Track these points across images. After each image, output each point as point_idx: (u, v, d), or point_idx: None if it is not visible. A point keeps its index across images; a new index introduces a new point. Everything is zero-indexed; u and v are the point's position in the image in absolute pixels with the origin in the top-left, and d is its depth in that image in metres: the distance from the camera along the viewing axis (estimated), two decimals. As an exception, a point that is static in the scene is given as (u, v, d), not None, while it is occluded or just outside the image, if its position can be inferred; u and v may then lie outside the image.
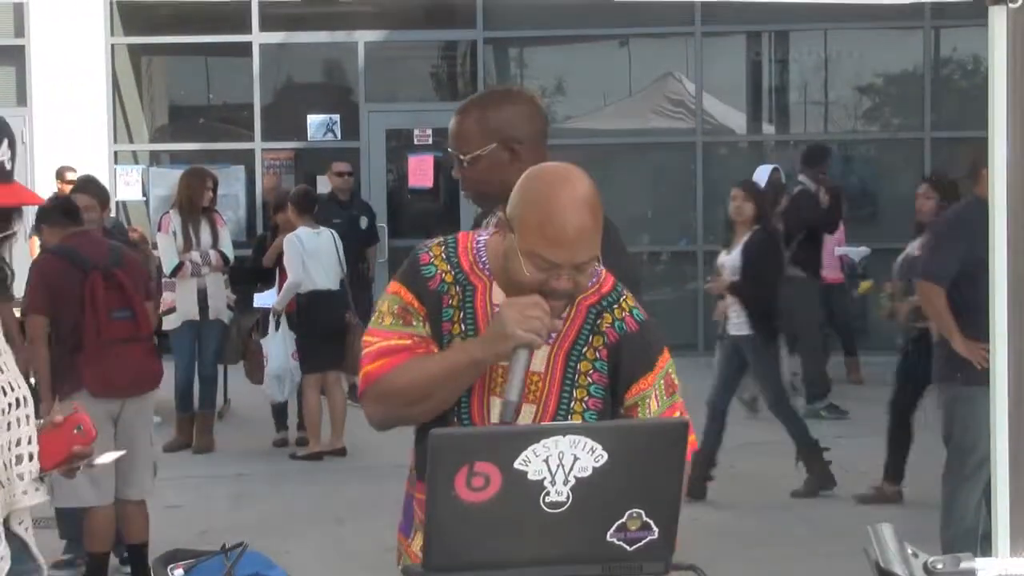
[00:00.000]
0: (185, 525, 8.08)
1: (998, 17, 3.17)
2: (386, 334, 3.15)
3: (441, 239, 3.26)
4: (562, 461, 2.66)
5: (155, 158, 16.79)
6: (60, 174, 12.79)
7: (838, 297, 13.29)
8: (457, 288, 3.17)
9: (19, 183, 3.17)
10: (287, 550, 6.91)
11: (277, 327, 10.42)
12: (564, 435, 2.66)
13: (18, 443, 3.14)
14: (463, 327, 3.16)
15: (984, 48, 3.20)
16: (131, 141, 16.70)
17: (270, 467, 10.19)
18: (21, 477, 3.15)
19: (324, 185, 14.18)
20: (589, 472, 2.68)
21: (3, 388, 3.13)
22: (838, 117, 16.78)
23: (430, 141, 15.83)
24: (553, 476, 2.66)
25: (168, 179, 14.74)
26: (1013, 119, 3.21)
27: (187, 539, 7.48)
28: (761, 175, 12.91)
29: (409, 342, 3.13)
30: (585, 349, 3.16)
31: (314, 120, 16.21)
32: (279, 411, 10.99)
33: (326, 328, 10.35)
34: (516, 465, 2.63)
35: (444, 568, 2.67)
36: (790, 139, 16.55)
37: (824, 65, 16.59)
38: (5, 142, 3.05)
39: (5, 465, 3.13)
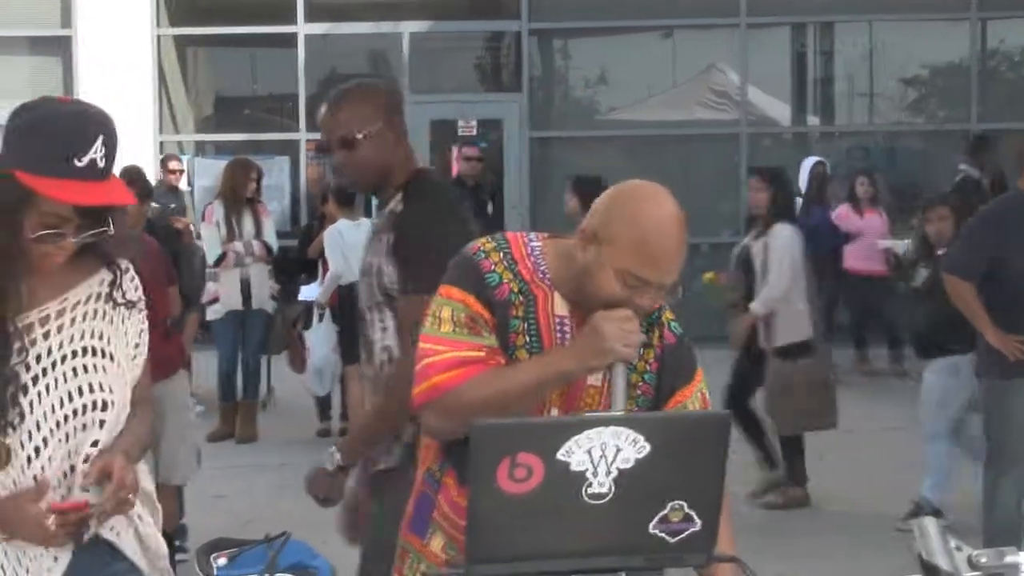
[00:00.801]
0: (229, 514, 8.12)
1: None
2: (455, 343, 3.07)
3: (492, 241, 3.21)
4: (605, 452, 2.65)
5: (200, 148, 16.85)
6: (164, 163, 13.28)
7: (883, 291, 13.22)
8: (521, 298, 3.13)
9: (117, 180, 3.09)
10: (328, 540, 6.92)
11: (320, 319, 10.45)
12: (607, 426, 2.66)
13: (94, 444, 3.09)
14: (527, 338, 3.12)
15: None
16: (177, 132, 16.78)
17: (313, 457, 10.11)
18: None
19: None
20: (632, 463, 2.68)
21: (85, 387, 3.09)
22: (883, 109, 16.70)
23: (475, 132, 15.83)
24: (596, 467, 2.65)
25: (213, 169, 14.80)
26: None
27: (231, 528, 7.53)
28: (805, 168, 12.89)
29: (483, 354, 3.06)
30: (638, 362, 3.16)
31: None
32: (322, 401, 11.02)
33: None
34: (559, 456, 2.63)
35: (486, 560, 2.67)
36: (835, 131, 16.49)
37: (869, 56, 16.50)
38: (100, 138, 2.98)
39: (75, 467, 3.08)
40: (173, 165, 14.26)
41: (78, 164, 2.94)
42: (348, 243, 10.33)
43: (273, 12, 16.35)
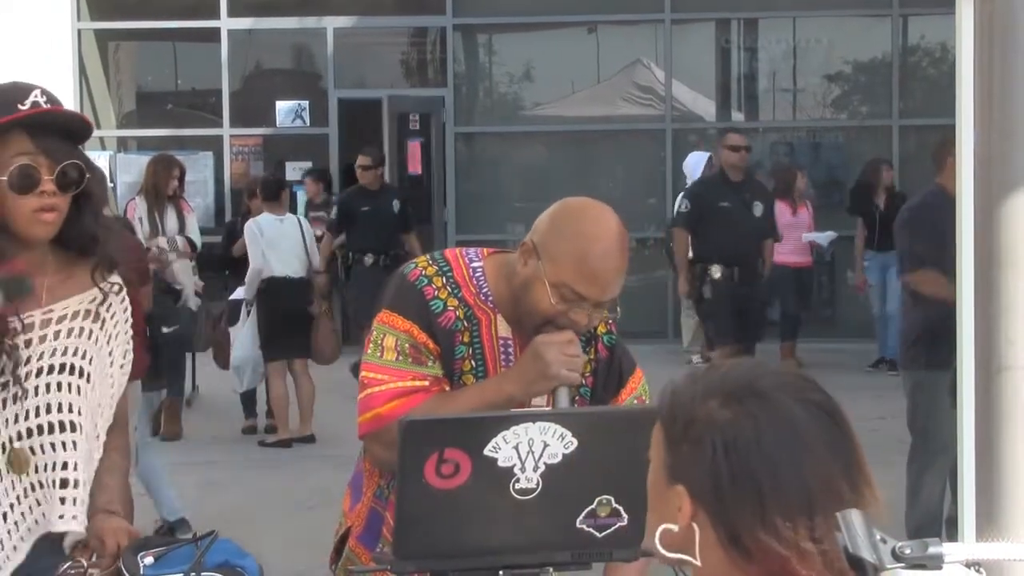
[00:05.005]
0: (154, 513, 8.05)
1: (965, 6, 3.18)
2: (398, 373, 3.04)
3: (433, 264, 3.17)
4: (532, 448, 2.67)
5: (122, 144, 16.70)
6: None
7: (806, 281, 13.49)
8: (466, 323, 3.11)
9: None
10: (256, 537, 6.88)
11: (249, 315, 10.41)
12: (534, 422, 2.68)
13: (64, 467, 3.05)
14: (473, 363, 3.12)
15: (952, 36, 3.22)
16: (98, 127, 16.61)
17: (239, 454, 10.16)
18: (63, 501, 3.06)
19: (293, 172, 14.12)
20: (559, 458, 2.69)
21: (55, 405, 3.06)
22: (807, 104, 16.80)
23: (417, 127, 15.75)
24: (523, 463, 2.67)
25: (135, 165, 14.67)
26: (980, 107, 3.23)
27: (156, 527, 7.48)
28: (696, 164, 12.83)
29: (426, 383, 3.05)
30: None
31: (283, 106, 16.15)
32: (248, 398, 10.97)
33: (288, 315, 10.32)
34: (486, 452, 2.64)
35: (414, 556, 2.67)
36: (759, 126, 16.58)
37: (793, 53, 16.61)
38: (38, 90, 3.06)
39: (43, 483, 3.05)
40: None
41: (22, 107, 3.01)
42: (269, 238, 10.31)
43: (196, 7, 16.22)
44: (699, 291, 10.20)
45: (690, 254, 10.36)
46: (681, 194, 11.41)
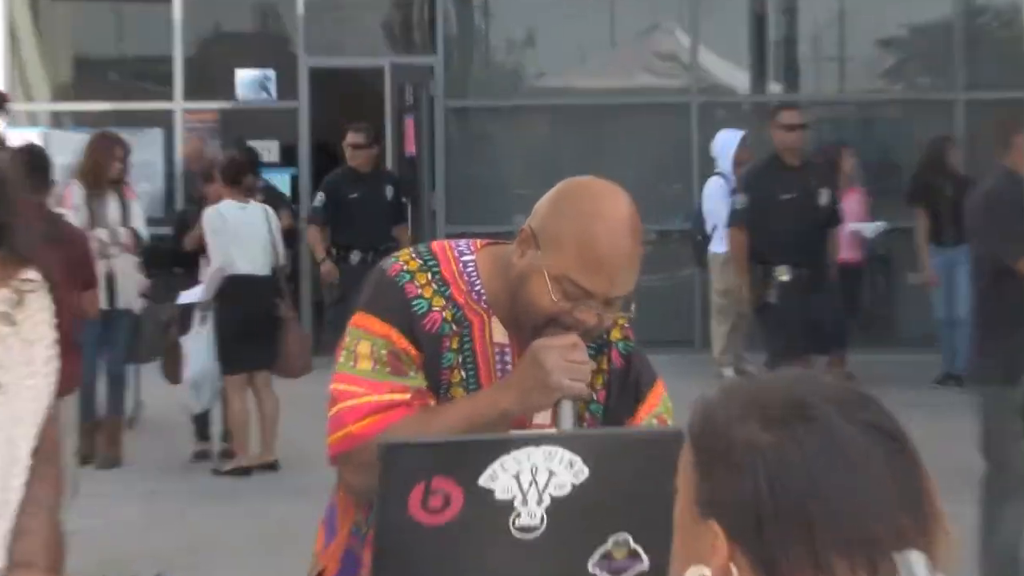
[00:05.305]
0: (88, 553, 8.02)
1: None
2: (374, 385, 3.02)
3: (417, 258, 3.15)
4: (535, 477, 2.66)
5: (57, 120, 16.72)
6: None
7: (856, 280, 13.39)
8: (454, 327, 3.09)
9: None
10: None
11: (204, 322, 10.36)
12: (538, 445, 2.67)
13: None
14: (463, 374, 3.09)
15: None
16: (29, 100, 16.63)
17: (189, 484, 10.17)
18: None
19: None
20: (567, 490, 2.69)
21: None
22: (856, 75, 16.83)
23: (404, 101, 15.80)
24: (525, 495, 2.66)
25: (72, 145, 14.64)
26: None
27: (90, 570, 7.44)
28: (726, 143, 12.84)
29: (407, 396, 3.02)
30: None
31: (245, 76, 16.18)
32: (200, 418, 10.97)
33: (250, 320, 10.29)
34: (481, 482, 2.63)
35: (394, 604, 2.65)
36: (799, 100, 16.59)
37: (840, 15, 16.63)
38: None
39: None
40: None
41: None
42: (232, 229, 10.26)
43: (143, -40, 16.28)
44: (763, 298, 10.17)
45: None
46: (726, 187, 11.40)
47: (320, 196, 12.51)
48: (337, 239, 12.15)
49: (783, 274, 10.00)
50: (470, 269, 3.14)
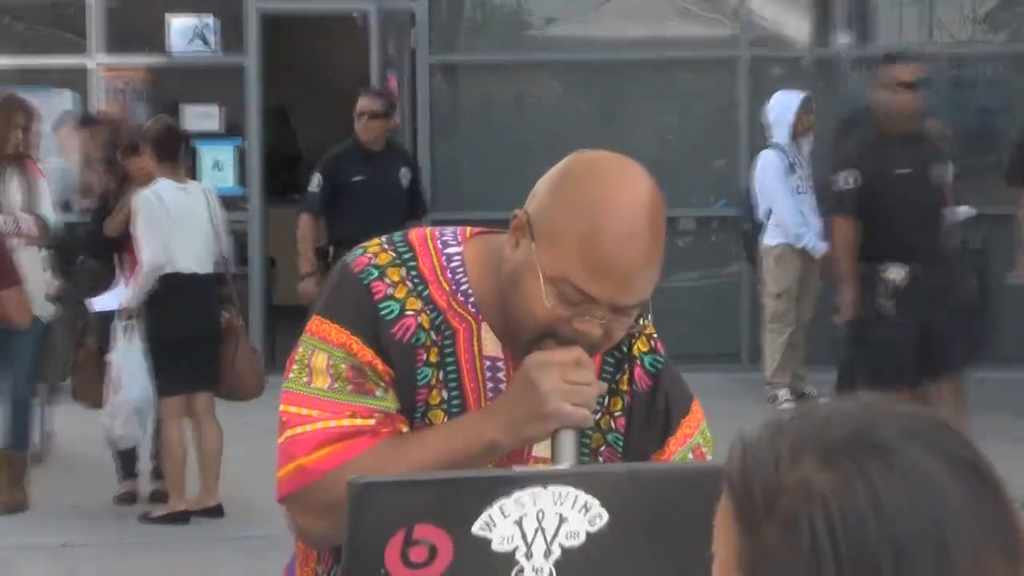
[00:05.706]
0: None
1: None
2: (332, 407, 2.96)
3: (388, 250, 3.08)
4: (542, 524, 2.67)
5: (-57, 80, 16.75)
6: None
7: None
8: (434, 336, 3.03)
9: None
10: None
11: (129, 333, 10.34)
12: (545, 486, 2.67)
13: None
14: (445, 394, 3.04)
15: None
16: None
17: (111, 534, 10.17)
18: None
19: (195, 119, 14.15)
20: (582, 539, 2.70)
21: None
22: (945, 22, 16.84)
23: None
24: (529, 546, 2.67)
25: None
26: None
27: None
28: (784, 105, 12.87)
29: (372, 422, 2.96)
30: (600, 417, 3.09)
31: (178, 24, 16.17)
32: (126, 453, 10.95)
33: (191, 330, 10.22)
34: (475, 530, 2.64)
35: None
36: (873, 54, 16.60)
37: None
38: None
39: None
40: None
41: None
42: (172, 214, 10.12)
43: None
44: (872, 308, 9.74)
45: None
46: (782, 163, 11.40)
47: (317, 178, 12.32)
48: (336, 233, 11.91)
49: (895, 274, 9.62)
50: (455, 264, 3.08)
